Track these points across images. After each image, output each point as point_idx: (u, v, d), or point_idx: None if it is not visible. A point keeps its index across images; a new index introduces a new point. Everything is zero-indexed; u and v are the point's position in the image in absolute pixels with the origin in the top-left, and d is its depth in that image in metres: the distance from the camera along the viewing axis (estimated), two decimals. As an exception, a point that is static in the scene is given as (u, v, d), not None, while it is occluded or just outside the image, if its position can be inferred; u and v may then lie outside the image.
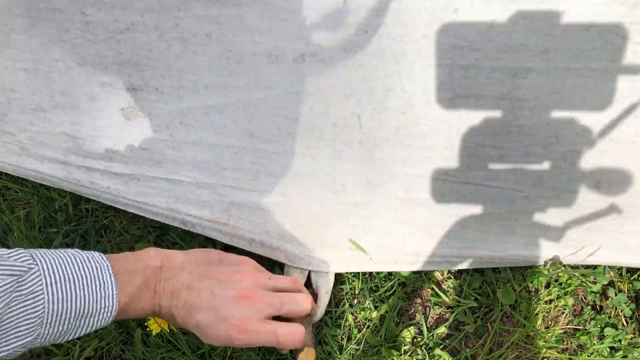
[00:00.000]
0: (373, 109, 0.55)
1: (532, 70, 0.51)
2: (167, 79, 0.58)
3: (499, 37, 0.49)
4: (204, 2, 0.51)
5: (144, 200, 0.73)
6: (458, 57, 0.51)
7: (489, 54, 0.50)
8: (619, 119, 0.53)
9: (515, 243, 0.68)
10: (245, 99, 0.57)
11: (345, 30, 0.50)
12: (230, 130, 0.60)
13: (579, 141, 0.55)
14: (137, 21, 0.54)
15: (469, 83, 0.52)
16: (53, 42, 0.58)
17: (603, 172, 0.58)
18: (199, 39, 0.54)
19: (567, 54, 0.50)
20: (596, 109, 0.53)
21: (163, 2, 0.52)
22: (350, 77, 0.53)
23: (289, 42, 0.51)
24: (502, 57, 0.50)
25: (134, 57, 0.57)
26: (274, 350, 0.76)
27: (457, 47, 0.50)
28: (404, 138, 0.57)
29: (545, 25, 0.48)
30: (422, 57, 0.51)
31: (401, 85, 0.53)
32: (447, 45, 0.50)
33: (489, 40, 0.49)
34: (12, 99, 0.65)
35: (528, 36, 0.49)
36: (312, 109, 0.56)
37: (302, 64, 0.53)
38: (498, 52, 0.50)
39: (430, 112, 0.55)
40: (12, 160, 0.77)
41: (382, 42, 0.50)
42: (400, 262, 0.71)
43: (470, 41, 0.49)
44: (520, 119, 0.54)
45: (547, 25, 0.48)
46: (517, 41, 0.49)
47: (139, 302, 0.50)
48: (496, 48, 0.50)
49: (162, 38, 0.54)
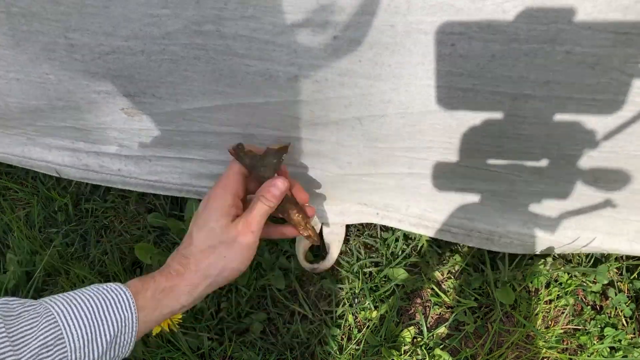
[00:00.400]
0: (373, 115, 0.55)
1: (532, 97, 0.50)
2: (162, 88, 0.57)
3: (499, 69, 0.48)
4: (187, 33, 0.50)
5: (157, 178, 0.74)
6: (456, 82, 0.50)
7: (487, 82, 0.49)
8: (620, 129, 0.53)
9: (515, 220, 0.69)
10: (245, 103, 0.57)
11: (338, 60, 0.49)
12: (235, 122, 0.61)
13: (579, 148, 0.55)
14: (122, 45, 0.52)
15: (468, 102, 0.52)
16: (40, 60, 0.57)
17: (602, 172, 0.58)
18: (189, 61, 0.53)
19: (570, 87, 0.49)
20: (599, 124, 0.53)
21: (146, 31, 0.50)
22: (347, 94, 0.53)
23: (281, 67, 0.51)
24: (501, 85, 0.49)
25: (125, 73, 0.56)
26: (274, 350, 0.76)
27: (455, 74, 0.49)
28: (405, 134, 0.57)
29: (548, 62, 0.46)
30: (419, 79, 0.50)
31: (399, 99, 0.52)
32: (444, 72, 0.49)
33: (488, 71, 0.48)
34: (10, 103, 0.64)
35: (529, 71, 0.47)
36: (312, 112, 0.56)
37: (297, 82, 0.52)
38: (497, 82, 0.49)
39: (430, 119, 0.55)
40: (18, 151, 0.77)
41: (377, 68, 0.49)
42: (404, 222, 0.73)
43: (468, 70, 0.48)
44: (520, 130, 0.54)
45: (550, 62, 0.46)
46: (517, 74, 0.48)
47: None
48: (495, 78, 0.48)
49: (150, 59, 0.53)
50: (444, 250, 0.79)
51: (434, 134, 0.56)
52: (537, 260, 0.75)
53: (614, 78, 0.47)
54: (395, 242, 0.79)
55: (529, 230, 0.69)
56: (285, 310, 0.78)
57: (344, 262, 0.80)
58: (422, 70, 0.49)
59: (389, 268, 0.78)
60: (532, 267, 0.75)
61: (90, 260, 0.84)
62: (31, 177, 0.89)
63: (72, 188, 0.87)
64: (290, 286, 0.80)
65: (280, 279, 0.79)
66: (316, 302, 0.79)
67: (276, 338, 0.77)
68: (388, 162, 0.63)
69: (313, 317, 0.78)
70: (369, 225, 0.81)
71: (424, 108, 0.53)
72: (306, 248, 0.78)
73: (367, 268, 0.79)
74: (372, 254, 0.80)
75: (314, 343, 0.76)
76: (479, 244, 0.71)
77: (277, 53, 0.49)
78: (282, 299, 0.78)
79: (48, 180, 0.88)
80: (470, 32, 0.45)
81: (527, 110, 0.52)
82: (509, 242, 0.70)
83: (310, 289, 0.80)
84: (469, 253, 0.77)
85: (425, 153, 0.60)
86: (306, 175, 0.69)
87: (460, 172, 0.62)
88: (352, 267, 0.79)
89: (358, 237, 0.81)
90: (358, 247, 0.80)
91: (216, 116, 0.60)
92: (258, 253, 0.80)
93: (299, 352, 0.76)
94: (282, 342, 0.76)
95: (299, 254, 0.78)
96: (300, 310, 0.78)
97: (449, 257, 0.79)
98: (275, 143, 0.59)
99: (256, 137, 0.63)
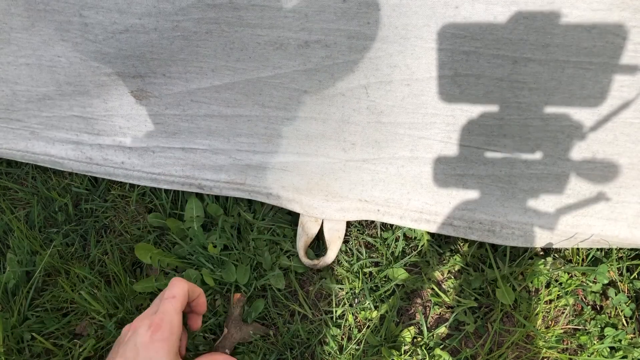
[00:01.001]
0: (379, 82, 0.56)
1: (532, 60, 0.52)
2: (173, 66, 0.59)
3: (500, 31, 0.50)
4: (201, 8, 0.51)
5: (160, 170, 0.75)
6: (459, 44, 0.52)
7: (489, 44, 0.51)
8: (618, 109, 0.54)
9: (515, 208, 0.69)
10: (253, 79, 0.58)
11: (347, 22, 0.51)
12: (242, 103, 0.62)
13: (576, 119, 0.56)
14: (135, 23, 0.54)
15: (470, 65, 0.53)
16: (53, 41, 0.58)
17: (599, 144, 0.59)
18: (200, 36, 0.54)
19: (567, 49, 0.50)
20: (594, 95, 0.54)
21: (160, 7, 0.52)
22: (356, 58, 0.54)
23: (292, 33, 0.52)
24: (502, 47, 0.51)
25: (137, 52, 0.57)
26: (275, 350, 0.76)
27: (458, 36, 0.51)
28: (409, 106, 0.59)
29: (546, 24, 0.49)
30: (424, 41, 0.52)
31: (405, 62, 0.54)
32: (448, 33, 0.51)
33: (490, 33, 0.50)
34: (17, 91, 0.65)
35: (528, 33, 0.49)
36: (320, 82, 0.57)
37: (307, 49, 0.54)
38: (498, 44, 0.51)
39: (433, 86, 0.56)
40: (21, 146, 0.78)
41: (385, 30, 0.51)
42: (405, 217, 0.74)
43: (471, 32, 0.50)
44: (520, 97, 0.55)
45: (548, 25, 0.49)
46: (517, 37, 0.50)
47: None
48: (497, 40, 0.51)
49: (162, 36, 0.55)
50: (444, 250, 0.79)
51: (437, 106, 0.58)
52: (537, 260, 0.75)
53: (609, 41, 0.49)
54: (395, 241, 0.79)
55: (530, 218, 0.69)
56: (285, 310, 0.78)
57: (344, 262, 0.80)
58: (428, 32, 0.51)
59: (389, 268, 0.78)
60: (532, 267, 0.75)
61: (90, 260, 0.84)
62: (31, 177, 0.89)
63: (73, 185, 0.87)
64: (290, 286, 0.80)
65: (280, 279, 0.79)
66: (316, 302, 0.79)
67: (276, 338, 0.77)
68: (391, 143, 0.64)
69: (313, 317, 0.78)
70: (369, 225, 0.81)
71: (428, 74, 0.55)
72: (306, 244, 0.78)
73: (367, 268, 0.79)
74: (372, 253, 0.80)
75: (314, 343, 0.76)
76: (481, 237, 0.72)
77: (288, 19, 0.51)
78: (282, 299, 0.78)
79: (48, 180, 0.88)
80: None
81: (526, 74, 0.53)
82: (510, 232, 0.70)
83: (310, 288, 0.80)
84: (469, 253, 0.77)
85: (428, 130, 0.61)
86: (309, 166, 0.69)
87: (461, 154, 0.63)
88: (352, 267, 0.79)
89: (358, 236, 0.81)
90: (358, 246, 0.80)
91: (224, 96, 0.61)
92: (258, 253, 0.80)
93: (299, 352, 0.76)
94: (282, 342, 0.76)
95: (299, 250, 0.78)
96: (300, 310, 0.78)
97: (449, 257, 0.79)
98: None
99: (261, 120, 0.64)
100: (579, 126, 0.57)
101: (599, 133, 0.57)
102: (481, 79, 0.54)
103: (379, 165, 0.67)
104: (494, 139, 0.60)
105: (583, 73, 0.52)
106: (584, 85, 0.53)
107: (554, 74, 0.52)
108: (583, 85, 0.53)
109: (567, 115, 0.56)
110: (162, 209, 0.84)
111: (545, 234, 0.70)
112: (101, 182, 0.87)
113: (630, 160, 0.60)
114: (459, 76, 0.54)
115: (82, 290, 0.80)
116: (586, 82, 0.53)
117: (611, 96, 0.54)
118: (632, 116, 0.55)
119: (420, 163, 0.66)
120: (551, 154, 0.61)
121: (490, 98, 0.56)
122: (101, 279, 0.82)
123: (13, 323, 0.79)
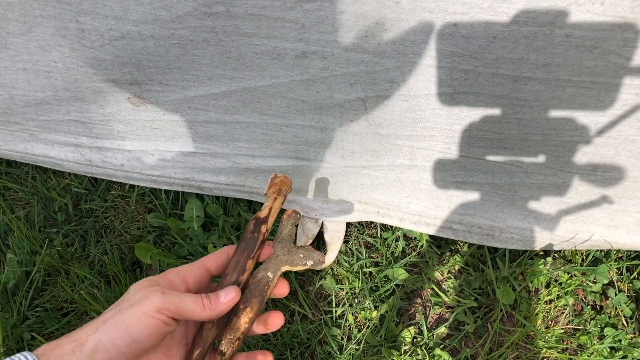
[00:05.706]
0: (376, 96, 0.56)
1: (532, 79, 0.51)
2: (170, 74, 0.58)
3: (500, 51, 0.49)
4: (198, 16, 0.51)
5: (159, 173, 0.75)
6: (458, 62, 0.51)
7: (489, 63, 0.50)
8: (618, 120, 0.54)
9: (514, 214, 0.69)
10: (251, 87, 0.57)
11: (344, 34, 0.50)
12: (240, 110, 0.62)
13: (577, 134, 0.56)
14: (132, 30, 0.53)
15: (469, 83, 0.53)
16: (50, 46, 0.58)
17: (600, 159, 0.58)
18: (197, 44, 0.54)
19: (569, 69, 0.50)
20: (596, 112, 0.53)
21: (156, 15, 0.51)
22: (353, 71, 0.54)
23: (289, 44, 0.52)
24: (502, 66, 0.50)
25: (133, 59, 0.57)
26: (274, 350, 0.76)
27: (457, 55, 0.50)
28: (407, 120, 0.58)
29: (548, 44, 0.48)
30: (422, 58, 0.51)
31: (403, 78, 0.54)
32: (447, 51, 0.50)
33: (489, 52, 0.49)
34: (15, 95, 0.65)
35: (529, 52, 0.48)
36: (318, 93, 0.57)
37: (304, 60, 0.53)
38: (498, 62, 0.50)
39: (432, 102, 0.55)
40: (20, 148, 0.78)
41: (383, 44, 0.51)
42: (405, 220, 0.74)
43: (470, 51, 0.49)
44: (520, 114, 0.55)
45: (550, 44, 0.48)
46: (517, 56, 0.49)
47: None
48: (496, 59, 0.50)
49: (159, 44, 0.54)
50: (444, 250, 0.79)
51: (436, 120, 0.57)
52: (537, 260, 0.75)
53: (611, 61, 0.48)
54: (395, 242, 0.79)
55: (529, 224, 0.69)
56: (285, 310, 0.78)
57: (344, 262, 0.80)
58: (426, 50, 0.50)
59: (389, 268, 0.78)
60: (532, 267, 0.75)
61: (90, 260, 0.84)
62: (31, 177, 0.89)
63: (73, 185, 0.87)
64: (290, 286, 0.80)
65: (280, 279, 0.79)
66: (316, 302, 0.79)
67: (276, 338, 0.77)
68: (390, 152, 0.63)
69: (313, 317, 0.78)
70: (369, 225, 0.81)
71: (427, 90, 0.55)
72: (307, 244, 0.78)
73: (367, 268, 0.79)
74: (372, 253, 0.80)
75: (314, 343, 0.76)
76: (480, 240, 0.72)
77: (286, 30, 0.51)
78: (282, 298, 0.78)
79: (48, 180, 0.88)
80: (472, 12, 0.46)
81: (527, 92, 0.53)
82: (510, 237, 0.70)
83: (310, 289, 0.80)
84: (468, 253, 0.77)
85: (427, 142, 0.61)
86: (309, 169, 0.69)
87: (460, 163, 0.63)
88: (352, 267, 0.79)
89: (358, 236, 0.81)
90: (358, 246, 0.80)
91: (221, 103, 0.61)
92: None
93: (299, 352, 0.76)
94: (282, 342, 0.76)
95: None
96: (300, 310, 0.78)
97: (449, 257, 0.79)
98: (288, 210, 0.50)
99: (259, 127, 0.63)
100: (580, 141, 0.57)
101: (601, 148, 0.57)
102: (480, 97, 0.54)
103: (378, 171, 0.68)
104: (493, 150, 0.60)
105: (585, 92, 0.51)
106: (586, 103, 0.52)
107: (555, 93, 0.52)
108: (585, 104, 0.52)
109: (569, 130, 0.56)
110: (162, 209, 0.84)
111: (544, 238, 0.70)
112: (101, 182, 0.87)
113: (633, 174, 0.59)
114: (458, 93, 0.54)
115: (82, 290, 0.80)
116: (588, 101, 0.52)
117: (613, 114, 0.53)
118: (635, 133, 0.55)
119: (420, 170, 0.66)
120: (552, 166, 0.61)
121: (490, 114, 0.56)
122: (101, 279, 0.82)
123: (13, 323, 0.79)
